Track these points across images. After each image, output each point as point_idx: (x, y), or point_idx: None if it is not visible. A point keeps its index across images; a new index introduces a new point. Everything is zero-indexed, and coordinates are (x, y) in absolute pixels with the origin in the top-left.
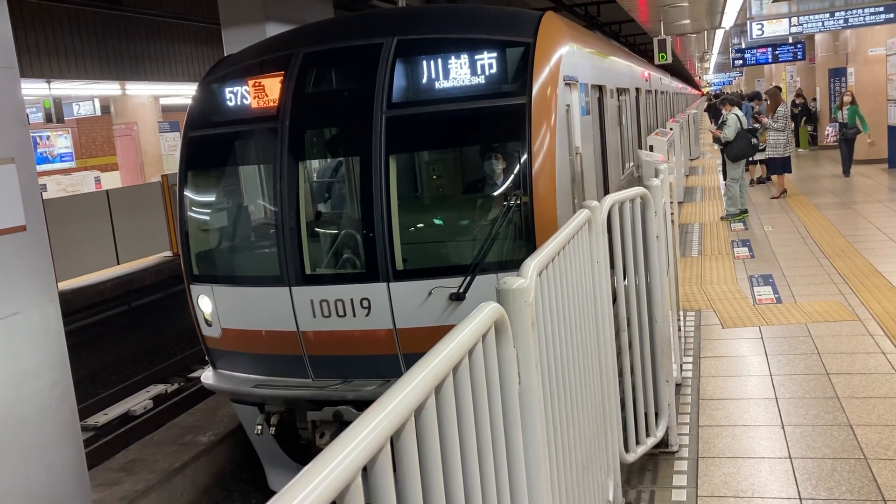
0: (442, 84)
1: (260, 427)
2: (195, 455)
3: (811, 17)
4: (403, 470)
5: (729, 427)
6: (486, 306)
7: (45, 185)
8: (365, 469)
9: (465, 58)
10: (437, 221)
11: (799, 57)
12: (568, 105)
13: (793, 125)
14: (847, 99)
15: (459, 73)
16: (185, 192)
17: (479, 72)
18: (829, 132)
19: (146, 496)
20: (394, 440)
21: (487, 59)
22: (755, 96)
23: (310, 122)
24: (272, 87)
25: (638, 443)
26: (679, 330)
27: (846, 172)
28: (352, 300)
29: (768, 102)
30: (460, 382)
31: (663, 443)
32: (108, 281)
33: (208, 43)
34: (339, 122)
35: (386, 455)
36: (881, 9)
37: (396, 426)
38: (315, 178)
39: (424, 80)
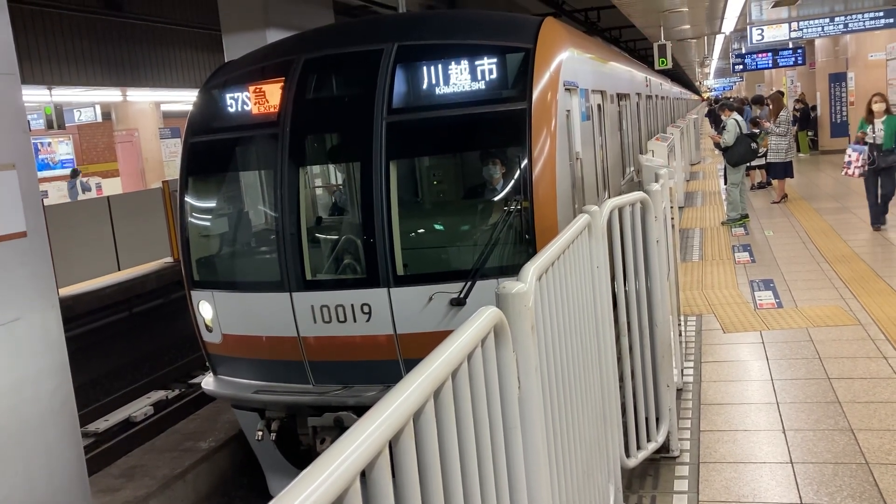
0: (442, 90)
1: (261, 433)
2: (196, 461)
3: (811, 22)
4: (402, 475)
5: (730, 432)
6: (486, 311)
7: (46, 191)
8: (364, 474)
9: (465, 63)
10: (437, 227)
11: (799, 62)
12: (568, 110)
13: (794, 130)
14: (880, 107)
15: (460, 78)
16: (186, 198)
17: (479, 77)
18: (853, 158)
19: (146, 502)
20: (392, 445)
21: (488, 65)
22: (758, 100)
23: (310, 128)
24: (273, 93)
25: (639, 448)
26: (680, 335)
27: (876, 221)
28: (352, 306)
29: (770, 107)
30: (459, 387)
31: (664, 448)
32: (108, 287)
33: (209, 49)
34: (340, 128)
35: (384, 459)
36: (881, 14)
37: (395, 430)
38: (315, 184)
39: (425, 86)
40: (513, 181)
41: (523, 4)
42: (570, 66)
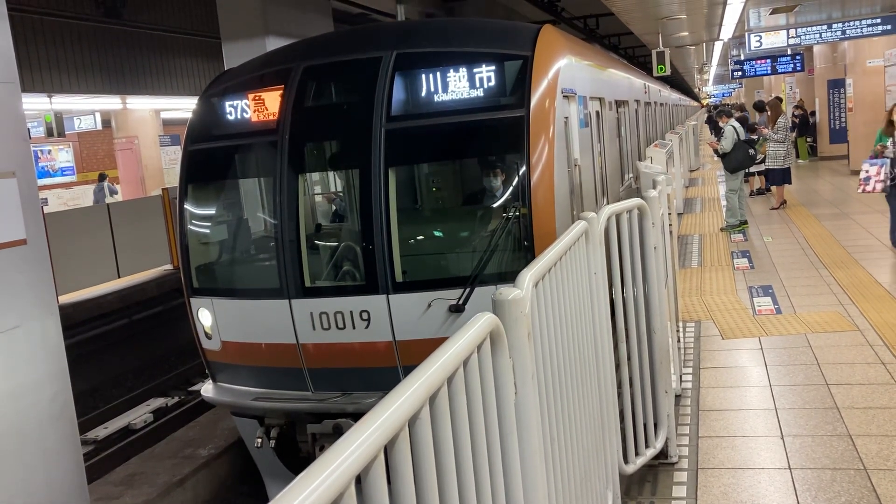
0: (441, 97)
1: (260, 440)
2: (195, 468)
3: (809, 28)
4: (397, 479)
5: (728, 438)
6: (482, 317)
7: (45, 198)
8: (359, 479)
9: (463, 71)
10: (436, 233)
11: (798, 68)
12: (566, 117)
13: (793, 136)
14: None
15: (458, 86)
16: (186, 206)
17: (477, 85)
18: (870, 173)
19: None
20: (388, 449)
21: (486, 73)
22: (760, 106)
23: (309, 136)
24: (272, 100)
25: (637, 454)
26: (679, 341)
27: None
28: (351, 312)
29: (768, 113)
30: (455, 392)
31: (663, 454)
32: (108, 294)
33: (209, 57)
34: (339, 136)
35: (379, 464)
36: (878, 20)
37: (390, 435)
38: (314, 191)
39: (423, 94)
40: (511, 188)
41: (522, 12)
42: (568, 73)
